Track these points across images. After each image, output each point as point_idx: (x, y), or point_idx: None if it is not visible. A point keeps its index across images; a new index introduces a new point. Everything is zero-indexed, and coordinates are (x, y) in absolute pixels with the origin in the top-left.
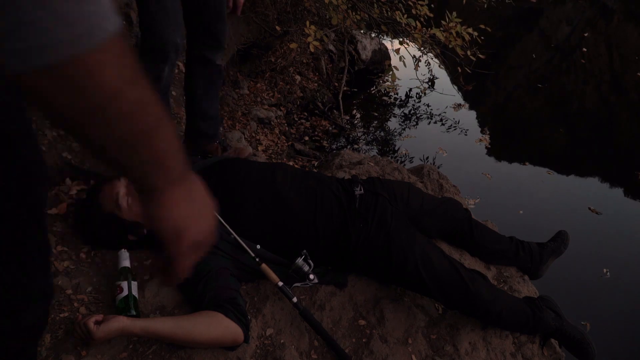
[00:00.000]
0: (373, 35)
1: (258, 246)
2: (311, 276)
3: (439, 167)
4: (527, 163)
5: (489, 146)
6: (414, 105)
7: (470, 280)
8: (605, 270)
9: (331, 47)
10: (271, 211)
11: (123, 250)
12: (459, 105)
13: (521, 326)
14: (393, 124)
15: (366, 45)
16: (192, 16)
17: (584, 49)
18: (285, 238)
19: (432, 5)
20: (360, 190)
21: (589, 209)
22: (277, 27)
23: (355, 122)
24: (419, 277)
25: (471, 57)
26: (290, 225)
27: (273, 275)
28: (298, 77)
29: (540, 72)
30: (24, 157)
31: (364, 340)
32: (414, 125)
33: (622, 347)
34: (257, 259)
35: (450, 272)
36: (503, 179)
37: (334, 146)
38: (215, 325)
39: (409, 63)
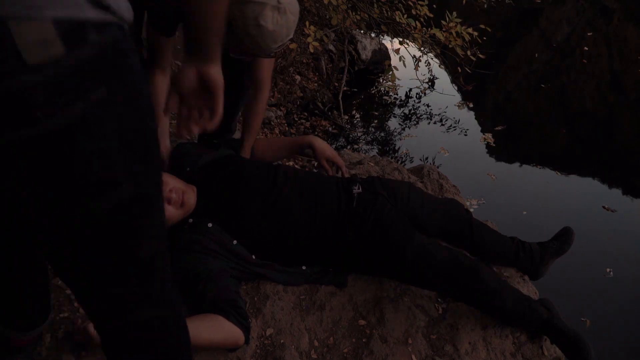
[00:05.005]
0: (373, 35)
1: (253, 256)
2: None
3: (438, 167)
4: (538, 166)
5: (493, 145)
6: (414, 105)
7: (472, 264)
8: (608, 269)
9: (331, 47)
10: (272, 212)
11: None
12: (463, 104)
13: (520, 316)
14: (393, 124)
15: (366, 45)
16: None
17: (585, 48)
18: (286, 239)
19: (434, 6)
20: (359, 189)
21: (603, 207)
22: None
23: (355, 122)
24: (419, 269)
25: (471, 57)
26: (291, 225)
27: None
28: (298, 77)
29: (541, 72)
30: None
31: (364, 340)
32: (414, 125)
33: (620, 345)
34: None
35: (450, 259)
36: (508, 180)
37: (333, 146)
38: (217, 329)
39: (409, 63)
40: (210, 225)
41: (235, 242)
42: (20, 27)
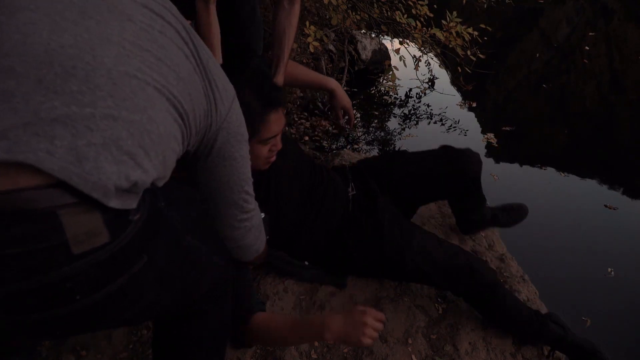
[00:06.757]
0: (373, 35)
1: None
2: None
3: None
4: (541, 166)
5: (495, 145)
6: (414, 105)
7: (472, 260)
8: (609, 269)
9: (331, 47)
10: (303, 209)
11: None
12: (464, 103)
13: (525, 324)
14: (393, 123)
15: (366, 45)
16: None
17: (586, 48)
18: (301, 235)
19: (434, 6)
20: (353, 190)
21: (605, 205)
22: None
23: (355, 122)
24: (421, 271)
25: (471, 57)
26: (303, 228)
27: None
28: None
29: (542, 72)
30: None
31: None
32: (414, 125)
33: (620, 345)
34: None
35: (450, 258)
36: (509, 179)
37: (333, 146)
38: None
39: (409, 63)
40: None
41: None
42: (72, 219)
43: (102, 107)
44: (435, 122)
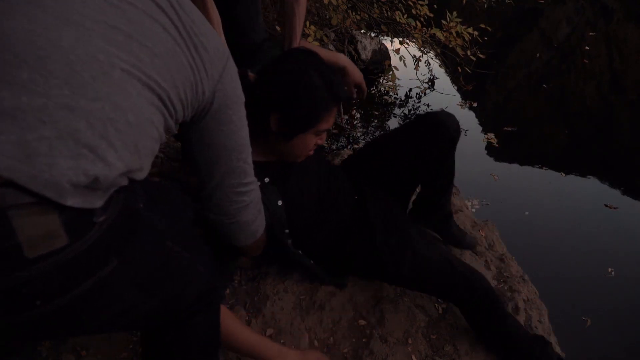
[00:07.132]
0: (373, 35)
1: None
2: None
3: None
4: (542, 166)
5: (495, 145)
6: (414, 105)
7: (465, 265)
8: (610, 269)
9: (331, 47)
10: (320, 204)
11: None
12: (464, 103)
13: (525, 345)
14: (393, 123)
15: (366, 45)
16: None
17: (586, 47)
18: (305, 237)
19: (435, 6)
20: (356, 194)
21: (605, 205)
22: (278, 28)
23: (355, 122)
24: (416, 278)
25: (471, 57)
26: (316, 227)
27: None
28: None
29: (542, 72)
30: None
31: (364, 340)
32: None
33: (620, 345)
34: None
35: (444, 262)
36: (510, 180)
37: (333, 146)
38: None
39: (409, 63)
40: (267, 180)
41: (280, 202)
42: (24, 221)
43: (57, 96)
44: None
